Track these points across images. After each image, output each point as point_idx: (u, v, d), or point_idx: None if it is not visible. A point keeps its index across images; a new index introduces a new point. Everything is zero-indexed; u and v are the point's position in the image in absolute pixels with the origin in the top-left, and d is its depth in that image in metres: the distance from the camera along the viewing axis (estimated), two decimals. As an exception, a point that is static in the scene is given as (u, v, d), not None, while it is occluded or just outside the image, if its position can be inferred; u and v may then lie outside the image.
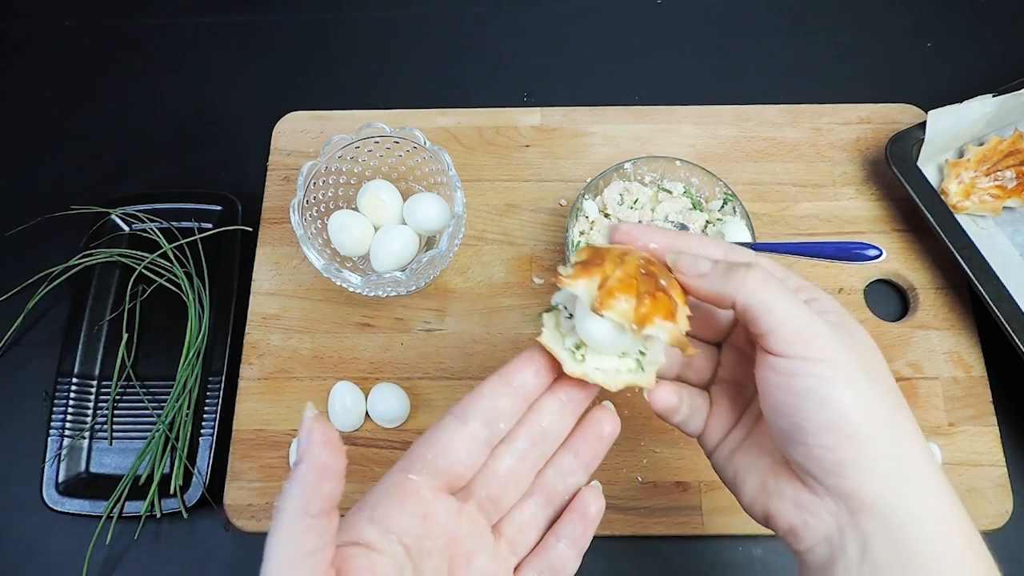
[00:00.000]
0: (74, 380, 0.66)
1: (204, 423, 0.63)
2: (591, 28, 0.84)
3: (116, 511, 0.61)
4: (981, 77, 0.76)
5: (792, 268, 0.68)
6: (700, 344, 0.44)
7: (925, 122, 0.67)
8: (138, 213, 0.71)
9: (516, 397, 0.39)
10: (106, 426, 0.65)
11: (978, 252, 0.63)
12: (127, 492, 0.61)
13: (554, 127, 0.74)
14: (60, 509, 0.61)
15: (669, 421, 0.43)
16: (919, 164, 0.67)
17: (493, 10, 0.85)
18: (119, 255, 0.70)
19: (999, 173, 0.69)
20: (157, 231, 0.71)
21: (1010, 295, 0.61)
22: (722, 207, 0.65)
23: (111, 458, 0.65)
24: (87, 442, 0.65)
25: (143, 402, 0.66)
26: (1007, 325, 0.60)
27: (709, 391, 0.44)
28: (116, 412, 0.66)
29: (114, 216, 0.71)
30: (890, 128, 0.70)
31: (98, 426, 0.65)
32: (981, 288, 0.62)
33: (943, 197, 0.68)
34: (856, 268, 0.68)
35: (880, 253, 0.57)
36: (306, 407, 0.33)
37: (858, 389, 0.34)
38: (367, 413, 0.64)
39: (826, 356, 0.34)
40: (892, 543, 0.34)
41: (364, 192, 0.66)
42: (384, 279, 0.60)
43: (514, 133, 0.74)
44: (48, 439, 0.64)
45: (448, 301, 0.68)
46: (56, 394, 0.65)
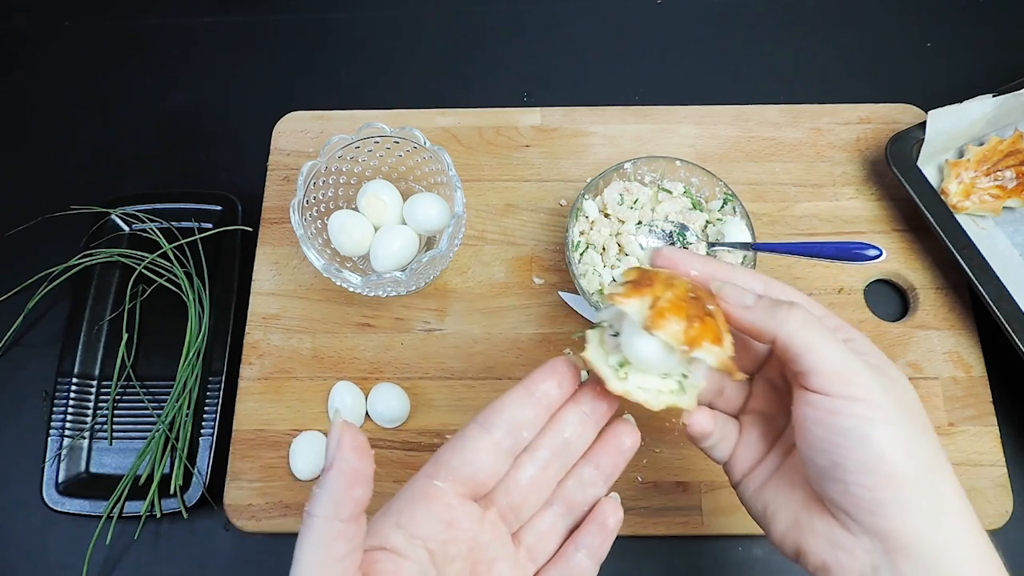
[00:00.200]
0: (74, 380, 0.66)
1: (204, 423, 0.63)
2: (591, 28, 0.84)
3: (116, 511, 0.61)
4: (981, 77, 0.76)
5: (792, 268, 0.68)
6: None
7: (925, 122, 0.67)
8: (138, 213, 0.71)
9: (539, 407, 0.39)
10: (106, 426, 0.65)
11: (978, 252, 0.63)
12: (127, 492, 0.61)
13: (554, 127, 0.74)
14: (60, 509, 0.61)
15: (698, 445, 0.43)
16: (919, 164, 0.67)
17: (493, 10, 0.85)
18: (119, 255, 0.70)
19: (999, 173, 0.69)
20: (157, 231, 0.71)
21: (1010, 295, 0.61)
22: (722, 207, 0.65)
23: (111, 458, 0.65)
24: (87, 442, 0.65)
25: (143, 402, 0.66)
26: (1007, 325, 0.60)
27: (739, 420, 0.44)
28: (116, 412, 0.66)
29: (114, 216, 0.71)
30: (890, 128, 0.70)
31: (98, 426, 0.65)
32: (981, 288, 0.62)
33: (943, 197, 0.68)
34: (856, 268, 0.68)
35: (880, 253, 0.57)
36: (335, 412, 0.34)
37: (898, 430, 0.35)
38: (367, 413, 0.64)
39: (868, 396, 0.35)
40: None
41: (364, 192, 0.66)
42: (384, 279, 0.60)
43: (514, 133, 0.74)
44: (48, 439, 0.64)
45: (448, 301, 0.68)
46: (56, 394, 0.65)
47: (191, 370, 0.65)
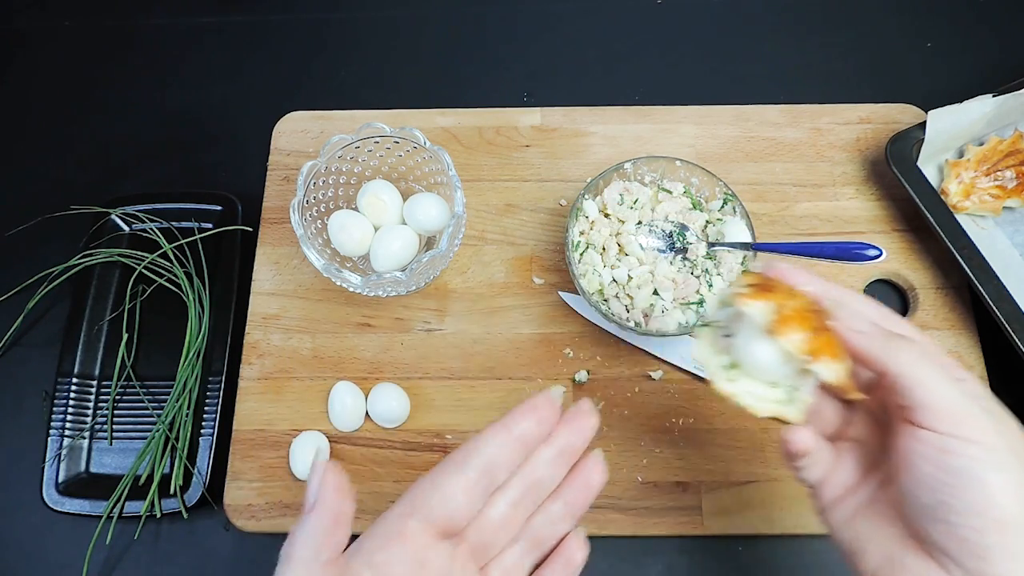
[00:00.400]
0: (74, 380, 0.66)
1: (204, 423, 0.63)
2: (591, 28, 0.84)
3: (116, 511, 0.61)
4: (981, 77, 0.76)
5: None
6: (834, 399, 0.44)
7: (925, 122, 0.67)
8: (138, 213, 0.71)
9: (517, 446, 0.39)
10: (106, 426, 0.65)
11: (978, 252, 0.63)
12: (127, 492, 0.61)
13: (554, 127, 0.74)
14: (60, 509, 0.61)
15: (791, 463, 0.43)
16: (919, 164, 0.67)
17: (493, 10, 0.85)
18: (119, 255, 0.70)
19: (999, 173, 0.69)
20: (157, 231, 0.71)
21: (1010, 295, 0.61)
22: (722, 207, 0.65)
23: (111, 458, 0.65)
24: (87, 442, 0.65)
25: (143, 402, 0.66)
26: (1007, 325, 0.60)
27: (833, 445, 0.43)
28: (116, 412, 0.66)
29: (114, 216, 0.71)
30: (890, 128, 0.70)
31: (98, 426, 0.65)
32: (981, 288, 0.62)
33: (943, 197, 0.68)
34: (856, 268, 0.68)
35: (880, 253, 0.57)
36: (315, 453, 0.34)
37: (1011, 476, 0.34)
38: (367, 413, 0.64)
39: (982, 439, 0.35)
40: None
41: (364, 192, 0.66)
42: (384, 279, 0.60)
43: (514, 133, 0.74)
44: (48, 439, 0.64)
45: (448, 301, 0.68)
46: (56, 394, 0.65)
47: (191, 370, 0.65)
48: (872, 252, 0.57)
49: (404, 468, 0.62)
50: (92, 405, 0.66)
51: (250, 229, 0.71)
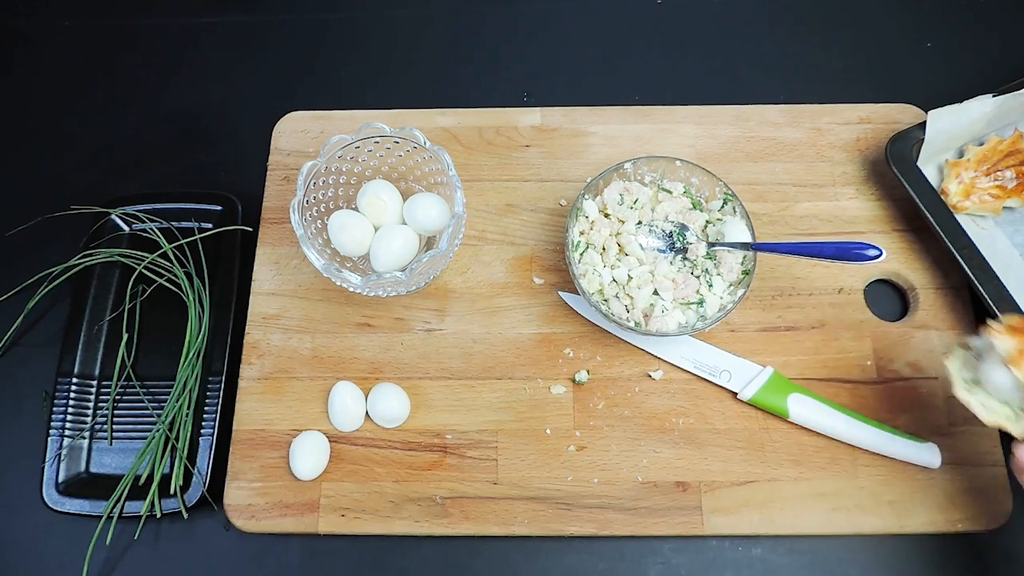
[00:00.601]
0: (74, 380, 0.66)
1: (204, 423, 0.63)
2: (591, 28, 0.84)
3: (116, 511, 0.61)
4: (981, 77, 0.76)
5: (792, 268, 0.68)
6: None
7: (925, 122, 0.67)
8: (138, 213, 0.71)
9: None
10: (106, 426, 0.65)
11: (978, 252, 0.63)
12: (127, 492, 0.61)
13: (554, 127, 0.74)
14: (60, 509, 0.61)
15: (1019, 477, 0.51)
16: (919, 164, 0.67)
17: (493, 10, 0.85)
18: (119, 255, 0.70)
19: (999, 173, 0.69)
20: (157, 231, 0.71)
21: (1010, 295, 0.61)
22: (722, 207, 0.65)
23: (111, 458, 0.65)
24: (87, 442, 0.65)
25: (143, 402, 0.66)
26: None
27: None
28: (116, 412, 0.66)
29: (114, 216, 0.71)
30: (890, 128, 0.70)
31: (98, 426, 0.65)
32: (981, 288, 0.62)
33: (943, 197, 0.68)
34: (856, 268, 0.68)
35: (880, 253, 0.57)
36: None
37: None
38: (367, 413, 0.64)
39: None
40: None
41: (364, 192, 0.66)
42: (384, 279, 0.60)
43: (514, 133, 0.74)
44: (48, 439, 0.64)
45: (448, 301, 0.68)
46: (56, 394, 0.65)
47: (191, 370, 0.65)
48: (872, 252, 0.57)
49: (404, 468, 0.62)
50: (92, 405, 0.66)
51: (250, 229, 0.71)
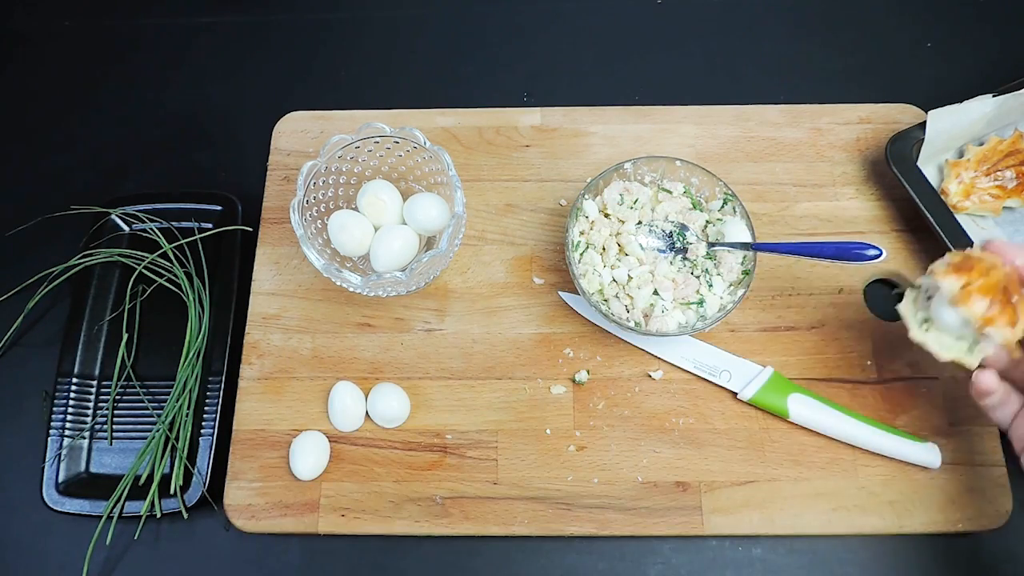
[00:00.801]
0: (74, 380, 0.66)
1: (204, 423, 0.63)
2: (591, 28, 0.84)
3: (116, 511, 0.61)
4: (981, 77, 0.76)
5: (792, 268, 0.68)
6: None
7: (925, 122, 0.67)
8: (138, 213, 0.71)
9: None
10: (106, 426, 0.65)
11: (978, 252, 0.63)
12: (127, 492, 0.61)
13: (554, 127, 0.74)
14: (60, 509, 0.61)
15: (980, 402, 0.53)
16: (919, 164, 0.67)
17: (493, 10, 0.85)
18: (119, 255, 0.70)
19: (999, 173, 0.69)
20: (157, 231, 0.71)
21: (1010, 295, 0.61)
22: (722, 207, 0.65)
23: (111, 458, 0.65)
24: (87, 442, 0.65)
25: (143, 402, 0.66)
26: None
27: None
28: (116, 412, 0.66)
29: (114, 216, 0.71)
30: (890, 128, 0.70)
31: (98, 426, 0.65)
32: (981, 288, 0.62)
33: (943, 197, 0.67)
34: (856, 268, 0.68)
35: (880, 253, 0.57)
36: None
37: None
38: (367, 413, 0.64)
39: None
40: None
41: (364, 192, 0.66)
42: (384, 279, 0.60)
43: (514, 133, 0.74)
44: (48, 439, 0.64)
45: (448, 301, 0.68)
46: (56, 394, 0.65)
47: (191, 370, 0.65)
48: (872, 252, 0.57)
49: (404, 468, 0.62)
50: (92, 405, 0.66)
51: (250, 229, 0.71)
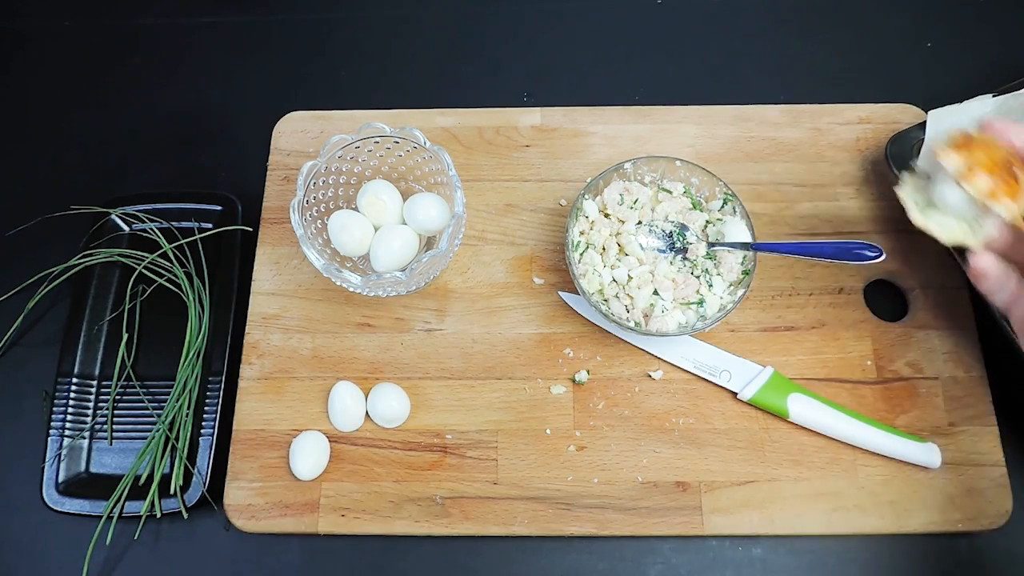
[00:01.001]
0: (74, 380, 0.66)
1: (204, 423, 0.63)
2: (591, 28, 0.84)
3: (116, 511, 0.61)
4: (981, 77, 0.76)
5: (792, 268, 0.68)
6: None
7: (925, 122, 0.67)
8: (138, 213, 0.71)
9: None
10: (106, 426, 0.65)
11: (978, 252, 0.63)
12: (127, 492, 0.61)
13: (554, 127, 0.74)
14: (60, 509, 0.61)
15: (979, 286, 0.53)
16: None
17: (493, 10, 0.85)
18: (119, 255, 0.70)
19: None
20: (157, 231, 0.71)
21: (1010, 295, 0.61)
22: (722, 207, 0.65)
23: (111, 458, 0.65)
24: (87, 442, 0.65)
25: (143, 402, 0.66)
26: (1007, 325, 0.60)
27: None
28: (116, 412, 0.66)
29: (114, 216, 0.71)
30: (890, 128, 0.70)
31: (98, 426, 0.65)
32: (981, 288, 0.62)
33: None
34: (856, 268, 0.68)
35: (880, 253, 0.57)
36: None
37: None
38: (367, 413, 0.64)
39: None
40: None
41: (364, 192, 0.66)
42: (384, 279, 0.60)
43: (514, 133, 0.74)
44: (48, 439, 0.64)
45: (448, 301, 0.68)
46: (56, 394, 0.65)
47: (191, 370, 0.65)
48: (872, 252, 0.57)
49: (404, 468, 0.62)
50: (92, 405, 0.66)
51: (250, 229, 0.71)
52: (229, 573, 0.62)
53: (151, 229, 0.71)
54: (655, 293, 0.62)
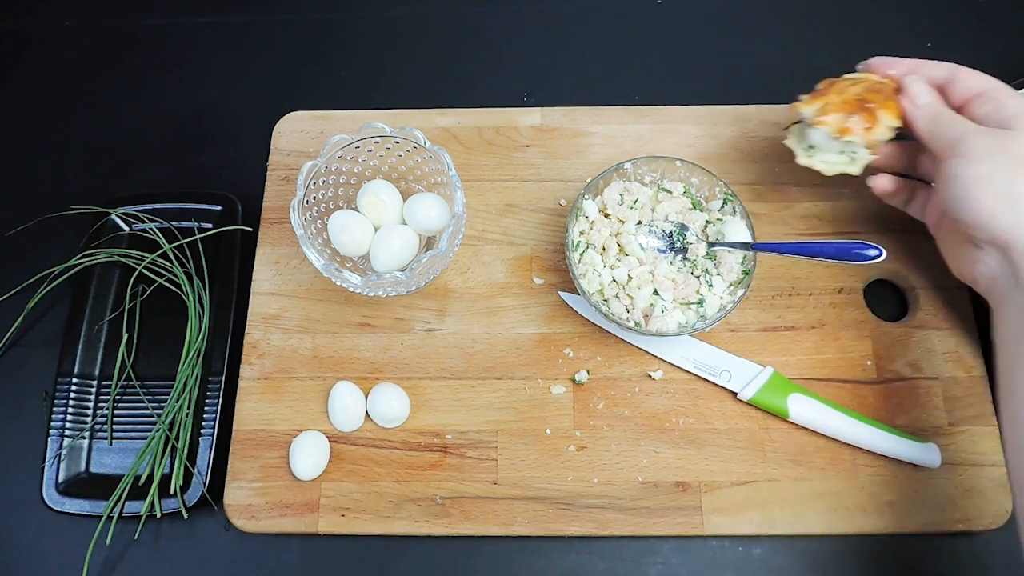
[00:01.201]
0: (74, 380, 0.66)
1: (204, 423, 0.63)
2: (591, 28, 0.84)
3: (116, 511, 0.61)
4: (981, 77, 0.76)
5: (792, 268, 0.68)
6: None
7: None
8: (138, 213, 0.71)
9: None
10: (106, 426, 0.65)
11: (978, 252, 0.63)
12: (127, 492, 0.61)
13: (554, 127, 0.74)
14: (60, 509, 0.61)
15: (890, 203, 0.63)
16: (919, 164, 0.67)
17: (493, 10, 0.85)
18: (119, 255, 0.70)
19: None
20: (157, 231, 0.71)
21: (1010, 295, 0.61)
22: (722, 207, 0.65)
23: (111, 458, 0.65)
24: (87, 442, 0.65)
25: (143, 402, 0.66)
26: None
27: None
28: (116, 412, 0.66)
29: (114, 216, 0.71)
30: (890, 128, 0.70)
31: (98, 426, 0.65)
32: (981, 288, 0.62)
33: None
34: (856, 268, 0.68)
35: (880, 253, 0.57)
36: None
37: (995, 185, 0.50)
38: (367, 413, 0.64)
39: (970, 153, 0.52)
40: None
41: (364, 192, 0.66)
42: (384, 279, 0.60)
43: (514, 133, 0.74)
44: (48, 439, 0.64)
45: (448, 301, 0.68)
46: (56, 394, 0.65)
47: (191, 370, 0.65)
48: (872, 252, 0.57)
49: (404, 468, 0.62)
50: (92, 405, 0.66)
51: (250, 229, 0.71)
52: (229, 573, 0.62)
53: (151, 229, 0.71)
54: (655, 293, 0.62)
